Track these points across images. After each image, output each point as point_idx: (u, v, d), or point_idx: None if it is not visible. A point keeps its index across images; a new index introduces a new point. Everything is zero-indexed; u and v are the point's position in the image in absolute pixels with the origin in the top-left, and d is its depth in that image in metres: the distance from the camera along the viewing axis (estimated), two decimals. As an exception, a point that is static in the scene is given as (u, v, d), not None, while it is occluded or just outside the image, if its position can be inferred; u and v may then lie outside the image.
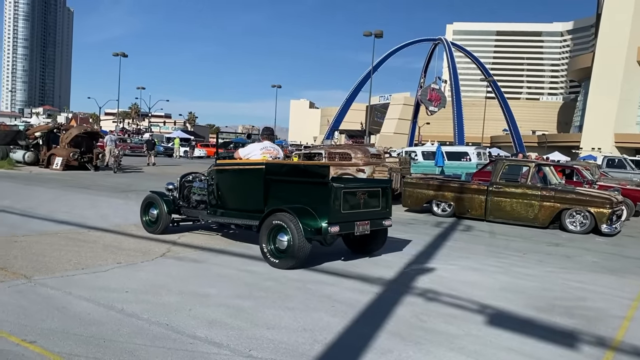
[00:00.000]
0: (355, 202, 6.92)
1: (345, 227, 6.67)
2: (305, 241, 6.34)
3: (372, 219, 7.09)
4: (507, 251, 8.77)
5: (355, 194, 6.96)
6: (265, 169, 7.26)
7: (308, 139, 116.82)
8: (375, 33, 38.23)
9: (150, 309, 4.62)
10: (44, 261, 6.13)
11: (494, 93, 70.89)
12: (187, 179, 8.78)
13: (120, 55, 60.24)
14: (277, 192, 7.20)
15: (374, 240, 7.56)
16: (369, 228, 6.99)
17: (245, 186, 7.66)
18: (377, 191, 7.33)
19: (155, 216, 8.48)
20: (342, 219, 6.64)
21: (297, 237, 6.30)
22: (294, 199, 6.88)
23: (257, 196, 7.27)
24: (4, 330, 3.92)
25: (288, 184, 7.29)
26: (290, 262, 6.44)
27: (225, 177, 7.87)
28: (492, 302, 5.49)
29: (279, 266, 6.50)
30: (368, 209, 7.10)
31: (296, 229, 6.32)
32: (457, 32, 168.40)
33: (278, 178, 7.32)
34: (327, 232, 6.42)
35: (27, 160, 22.62)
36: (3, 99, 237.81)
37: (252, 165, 7.60)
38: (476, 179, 15.23)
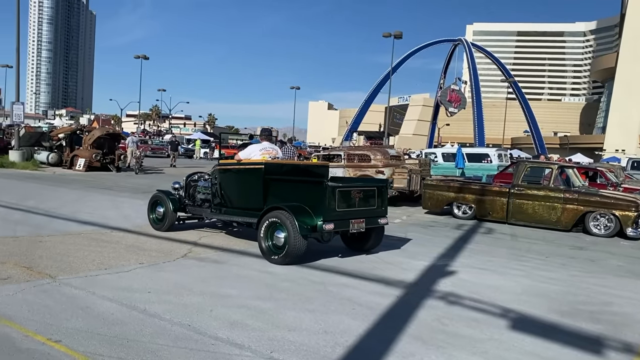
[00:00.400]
0: (351, 201, 7.10)
1: (340, 224, 6.87)
2: (300, 238, 6.56)
3: (368, 217, 7.27)
4: (530, 254, 8.65)
5: (350, 193, 7.12)
6: (265, 169, 7.54)
7: (326, 140, 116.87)
8: (394, 34, 38.09)
9: (172, 309, 4.65)
10: (68, 261, 6.22)
11: (515, 94, 70.15)
12: (192, 179, 9.11)
13: (142, 58, 60.92)
14: (276, 190, 7.48)
15: (370, 238, 7.75)
16: (364, 226, 7.19)
17: (245, 185, 7.95)
18: (372, 190, 7.49)
19: (162, 214, 8.80)
20: (337, 217, 6.84)
21: (292, 234, 6.54)
22: (292, 198, 7.12)
23: (256, 195, 7.56)
24: (30, 329, 3.98)
25: (286, 183, 7.57)
26: (287, 258, 6.65)
27: (227, 176, 8.18)
28: (515, 306, 5.41)
29: (277, 262, 6.71)
30: (363, 207, 7.28)
31: (292, 226, 6.55)
32: (477, 33, 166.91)
33: (277, 177, 7.61)
34: (321, 229, 6.65)
35: (51, 161, 23.00)
36: (27, 101, 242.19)
37: (252, 165, 7.87)
38: (497, 181, 15.08)
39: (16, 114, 23.33)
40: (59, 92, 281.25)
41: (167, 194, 8.85)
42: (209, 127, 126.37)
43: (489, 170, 20.59)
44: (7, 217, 9.20)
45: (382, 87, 70.72)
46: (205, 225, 9.49)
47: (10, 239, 7.30)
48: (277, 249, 6.81)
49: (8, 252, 6.48)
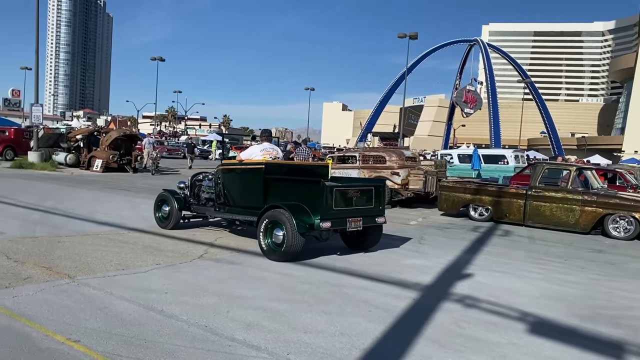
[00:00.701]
0: (348, 200, 7.28)
1: (337, 223, 7.05)
2: (298, 236, 6.76)
3: (365, 216, 7.44)
4: (548, 257, 8.55)
5: (347, 192, 7.30)
6: (265, 169, 7.77)
7: (341, 141, 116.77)
8: (409, 35, 37.94)
9: (189, 310, 4.67)
10: (87, 261, 6.28)
11: (532, 95, 69.46)
12: (197, 178, 9.34)
13: (158, 60, 61.44)
14: (276, 190, 7.68)
15: (368, 236, 7.94)
16: (361, 225, 7.36)
17: (247, 185, 8.15)
18: (370, 190, 7.67)
19: (167, 212, 9.07)
20: (334, 216, 7.01)
21: (290, 232, 6.75)
22: (291, 197, 7.32)
23: (257, 194, 7.77)
24: (49, 328, 4.02)
25: (285, 183, 7.77)
26: (285, 255, 6.85)
27: (230, 176, 8.40)
28: (533, 309, 5.35)
29: (275, 259, 6.92)
30: (361, 206, 7.46)
31: (290, 225, 6.76)
32: (493, 33, 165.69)
33: (276, 177, 7.82)
34: (319, 227, 6.84)
35: (69, 162, 23.28)
36: (46, 102, 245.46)
37: (252, 165, 8.11)
38: (514, 182, 14.93)
39: (35, 115, 23.65)
40: (77, 94, 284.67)
41: (173, 193, 9.11)
42: (224, 128, 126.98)
43: (505, 171, 20.41)
44: (27, 218, 9.32)
45: (397, 88, 70.40)
46: (210, 224, 9.69)
47: (29, 239, 7.39)
48: (276, 246, 7.01)
49: (28, 252, 6.56)
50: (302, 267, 6.73)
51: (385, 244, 8.82)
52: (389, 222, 11.51)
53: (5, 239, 7.31)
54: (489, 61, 64.10)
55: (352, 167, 15.47)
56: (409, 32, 37.87)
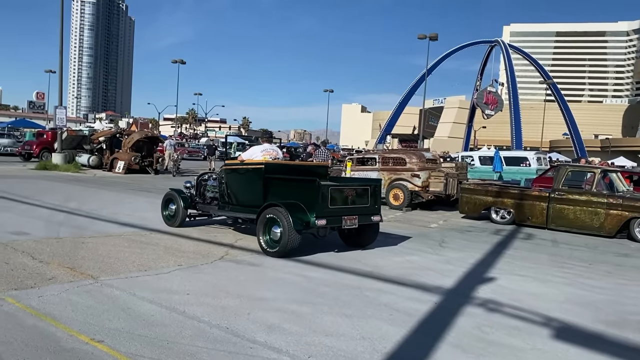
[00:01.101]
0: (343, 199, 7.57)
1: (332, 221, 7.36)
2: (295, 233, 7.05)
3: (361, 214, 7.71)
4: (572, 261, 8.41)
5: (342, 192, 7.61)
6: (265, 169, 8.05)
7: (359, 143, 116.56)
8: (429, 36, 37.70)
9: (211, 311, 4.69)
10: (110, 262, 6.35)
11: (554, 96, 68.49)
12: (203, 178, 9.69)
13: (179, 63, 62.02)
14: (275, 189, 8.01)
15: (365, 234, 8.22)
16: (356, 223, 7.63)
17: (248, 184, 8.46)
18: (365, 189, 7.94)
19: (174, 211, 9.41)
20: (329, 214, 7.32)
21: (287, 229, 7.03)
22: (289, 195, 7.65)
23: (257, 193, 8.07)
24: (74, 328, 4.07)
25: (284, 182, 8.10)
26: (283, 251, 7.13)
27: (232, 176, 8.71)
28: (558, 314, 5.26)
29: (273, 255, 7.19)
30: (356, 205, 7.74)
31: (287, 222, 7.04)
32: (514, 34, 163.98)
33: (276, 176, 8.13)
34: (314, 225, 7.14)
35: (92, 164, 23.62)
36: (69, 105, 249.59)
37: (253, 165, 8.39)
38: (536, 185, 14.73)
39: (59, 117, 24.04)
40: (99, 96, 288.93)
41: (179, 192, 9.46)
42: (243, 130, 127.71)
43: (527, 174, 20.15)
44: (51, 219, 9.47)
45: (417, 89, 70.04)
46: (216, 222, 10.00)
47: (54, 240, 7.50)
48: (273, 242, 7.30)
49: (52, 253, 6.66)
50: (323, 269, 6.72)
51: (405, 246, 8.78)
52: (409, 225, 11.49)
53: (30, 239, 7.44)
54: (510, 62, 63.38)
55: (372, 169, 15.41)
56: (429, 34, 37.63)
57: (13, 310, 4.42)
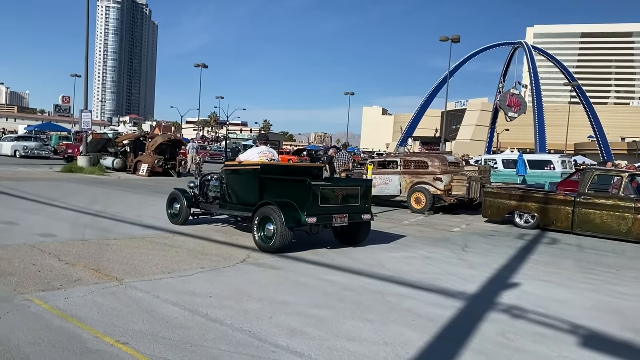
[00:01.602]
0: (334, 198, 7.94)
1: (322, 219, 7.71)
2: (287, 230, 7.45)
3: (351, 213, 8.06)
4: (599, 267, 8.24)
5: (333, 191, 7.97)
6: (261, 170, 8.47)
7: (381, 146, 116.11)
8: (452, 38, 37.42)
9: (234, 315, 4.72)
10: (134, 264, 6.43)
11: (579, 98, 67.37)
12: (206, 179, 10.13)
13: (202, 67, 62.64)
14: (270, 188, 8.41)
15: (357, 233, 8.60)
16: (347, 221, 8.00)
17: (245, 184, 8.87)
18: (356, 189, 8.33)
19: (178, 210, 9.89)
20: (320, 212, 7.67)
21: (280, 227, 7.44)
22: (284, 195, 8.05)
23: (254, 192, 8.51)
24: (99, 330, 4.13)
25: (279, 182, 8.47)
26: (276, 247, 7.52)
27: (231, 176, 9.19)
28: (585, 322, 5.16)
29: (267, 250, 7.62)
30: (347, 204, 8.10)
31: (279, 220, 7.44)
32: (538, 35, 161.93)
33: (271, 177, 8.52)
34: (305, 222, 7.51)
35: (116, 167, 23.98)
36: (94, 108, 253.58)
37: (250, 166, 8.82)
38: (561, 189, 14.49)
39: (85, 121, 24.47)
40: (123, 100, 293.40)
41: (183, 192, 9.90)
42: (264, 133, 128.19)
43: (552, 177, 19.84)
44: (77, 221, 9.63)
45: (439, 92, 69.59)
46: (219, 221, 10.44)
47: (79, 242, 7.63)
48: (267, 239, 7.72)
49: (78, 255, 6.77)
50: (344, 273, 6.71)
51: (427, 251, 8.72)
52: (432, 229, 11.40)
53: (57, 241, 7.57)
54: (534, 64, 62.55)
55: (393, 173, 15.34)
56: (451, 36, 37.37)
57: (40, 311, 4.50)
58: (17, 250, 6.84)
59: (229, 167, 9.34)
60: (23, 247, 7.02)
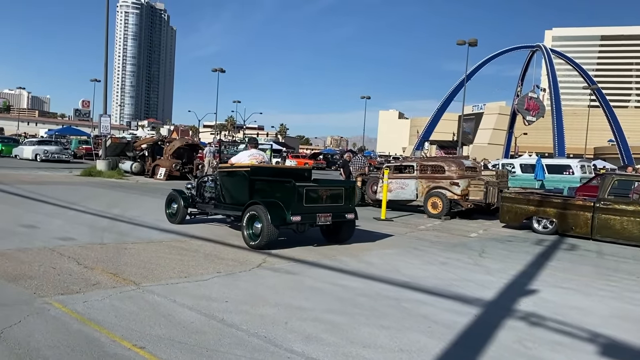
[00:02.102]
0: (318, 198, 8.43)
1: (306, 217, 8.21)
2: (273, 227, 7.94)
3: (335, 212, 8.56)
4: (618, 274, 8.11)
5: (317, 192, 8.46)
6: (251, 171, 9.03)
7: (397, 149, 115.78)
8: (469, 42, 37.21)
9: (249, 320, 4.73)
10: (151, 268, 6.49)
11: (598, 101, 66.48)
12: (203, 180, 10.64)
13: (219, 71, 63.09)
14: (260, 189, 8.90)
15: (342, 231, 9.11)
16: (330, 220, 8.52)
17: (237, 185, 9.39)
18: (340, 190, 8.84)
19: (175, 209, 10.42)
20: (304, 211, 8.17)
21: (266, 224, 7.93)
22: (271, 195, 8.56)
23: (245, 192, 9.03)
24: (116, 334, 4.17)
25: (267, 183, 8.92)
26: (262, 243, 8.01)
27: (224, 178, 9.76)
28: (604, 330, 5.08)
29: (255, 247, 8.08)
30: (330, 204, 8.59)
31: (266, 218, 7.94)
32: (556, 38, 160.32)
33: (260, 178, 9.01)
34: (290, 220, 8.02)
35: (134, 171, 24.26)
36: (113, 112, 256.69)
37: (241, 168, 9.36)
38: (580, 194, 14.32)
39: (104, 125, 24.80)
40: (142, 104, 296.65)
41: (180, 193, 10.51)
42: (280, 136, 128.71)
43: (570, 182, 19.60)
44: (95, 225, 9.75)
45: (456, 95, 69.19)
46: (215, 220, 10.89)
47: (98, 246, 7.72)
48: (255, 236, 8.19)
49: (96, 259, 6.85)
50: (360, 278, 6.69)
51: (443, 256, 8.67)
52: (448, 234, 11.33)
53: (76, 244, 7.68)
54: (552, 67, 61.91)
55: (410, 177, 15.29)
56: (468, 39, 37.16)
57: (59, 314, 4.56)
58: (37, 253, 6.95)
59: (222, 169, 9.96)
60: (43, 250, 7.12)
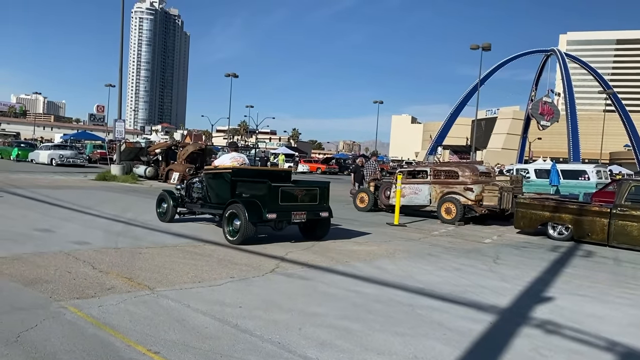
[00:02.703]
0: (293, 198, 9.15)
1: (282, 215, 8.90)
2: (250, 224, 8.63)
3: (309, 210, 9.26)
4: (636, 281, 7.99)
5: (292, 192, 9.22)
6: (232, 173, 9.71)
7: (409, 154, 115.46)
8: (482, 46, 37.05)
9: (263, 325, 4.73)
10: (165, 273, 6.51)
11: (614, 106, 65.85)
12: (191, 181, 11.22)
13: (232, 76, 63.39)
14: (240, 189, 9.53)
15: (317, 228, 9.84)
16: (305, 217, 9.22)
17: (220, 185, 10.04)
18: (314, 190, 9.57)
19: (165, 209, 11.09)
20: (280, 209, 8.87)
21: (244, 221, 8.62)
22: (251, 194, 9.25)
23: (227, 192, 9.66)
24: (131, 339, 4.18)
25: (247, 183, 9.54)
26: (241, 239, 8.70)
27: (209, 179, 10.42)
28: (622, 338, 5.00)
29: (234, 242, 8.79)
30: (305, 203, 9.30)
31: (243, 215, 8.63)
32: (571, 42, 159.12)
33: (241, 179, 9.65)
34: (266, 218, 8.68)
35: (148, 175, 24.41)
36: (127, 117, 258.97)
37: (224, 170, 10.08)
38: (596, 199, 14.15)
39: (118, 130, 25.01)
40: (155, 109, 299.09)
41: (170, 193, 11.18)
42: (292, 141, 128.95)
43: (586, 188, 19.39)
44: (110, 229, 9.82)
45: (469, 100, 68.88)
46: (204, 219, 11.59)
47: (112, 250, 7.78)
48: (234, 232, 8.88)
49: (111, 263, 6.89)
50: (373, 284, 6.66)
51: (457, 262, 8.60)
52: (462, 240, 11.25)
53: (91, 249, 7.74)
54: (567, 71, 61.45)
55: (423, 182, 15.22)
56: (482, 44, 37.00)
57: (75, 319, 4.59)
58: (53, 257, 7.01)
59: (207, 171, 10.63)
60: (59, 255, 7.19)
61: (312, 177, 38.41)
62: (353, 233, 11.22)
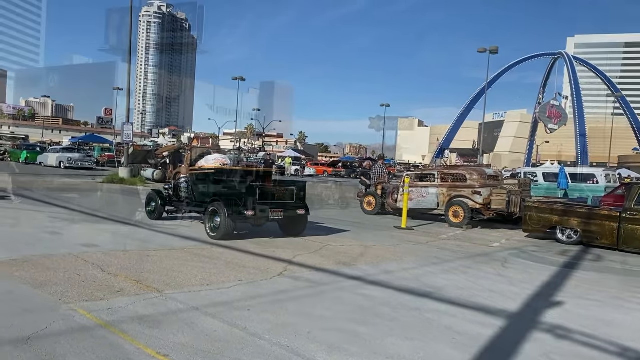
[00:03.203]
0: (271, 196, 9.75)
1: (260, 212, 9.40)
2: (229, 221, 9.21)
3: (286, 208, 9.80)
4: (646, 286, 7.93)
5: (270, 190, 9.86)
6: (214, 172, 10.38)
7: (416, 157, 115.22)
8: (490, 49, 36.97)
9: (271, 329, 4.72)
10: (173, 276, 6.52)
11: (622, 109, 65.53)
12: (179, 181, 11.74)
13: (239, 79, 63.57)
14: (222, 188, 10.09)
15: (295, 225, 10.35)
16: (282, 215, 9.76)
17: (203, 185, 10.66)
18: (292, 189, 10.13)
19: (153, 207, 11.61)
20: (258, 207, 9.35)
21: (223, 218, 9.21)
22: (231, 193, 9.78)
23: (210, 191, 10.27)
24: (141, 342, 4.19)
25: (228, 182, 10.09)
26: (221, 234, 9.24)
27: (194, 179, 11.04)
28: (632, 344, 4.96)
29: (215, 238, 9.31)
30: (282, 201, 9.85)
31: (223, 212, 9.20)
32: (579, 45, 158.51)
33: (222, 178, 10.26)
34: (244, 215, 9.23)
35: (156, 178, 24.48)
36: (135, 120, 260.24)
37: (207, 170, 10.70)
38: (605, 203, 14.05)
39: (126, 133, 25.11)
40: (163, 112, 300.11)
41: (158, 193, 11.75)
42: (299, 144, 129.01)
43: (595, 191, 19.29)
44: (118, 232, 9.86)
45: (476, 103, 68.75)
46: (191, 218, 11.98)
47: (121, 253, 7.80)
48: (215, 229, 9.42)
49: (120, 266, 6.92)
50: (381, 288, 6.65)
51: (465, 266, 8.57)
52: (470, 244, 11.21)
53: (99, 251, 7.76)
54: (575, 75, 61.23)
55: (431, 186, 15.18)
56: (489, 47, 36.92)
57: (84, 321, 4.61)
58: (62, 260, 7.05)
59: (192, 171, 11.25)
60: (67, 257, 7.22)
61: (318, 180, 38.44)
62: (360, 236, 11.21)
